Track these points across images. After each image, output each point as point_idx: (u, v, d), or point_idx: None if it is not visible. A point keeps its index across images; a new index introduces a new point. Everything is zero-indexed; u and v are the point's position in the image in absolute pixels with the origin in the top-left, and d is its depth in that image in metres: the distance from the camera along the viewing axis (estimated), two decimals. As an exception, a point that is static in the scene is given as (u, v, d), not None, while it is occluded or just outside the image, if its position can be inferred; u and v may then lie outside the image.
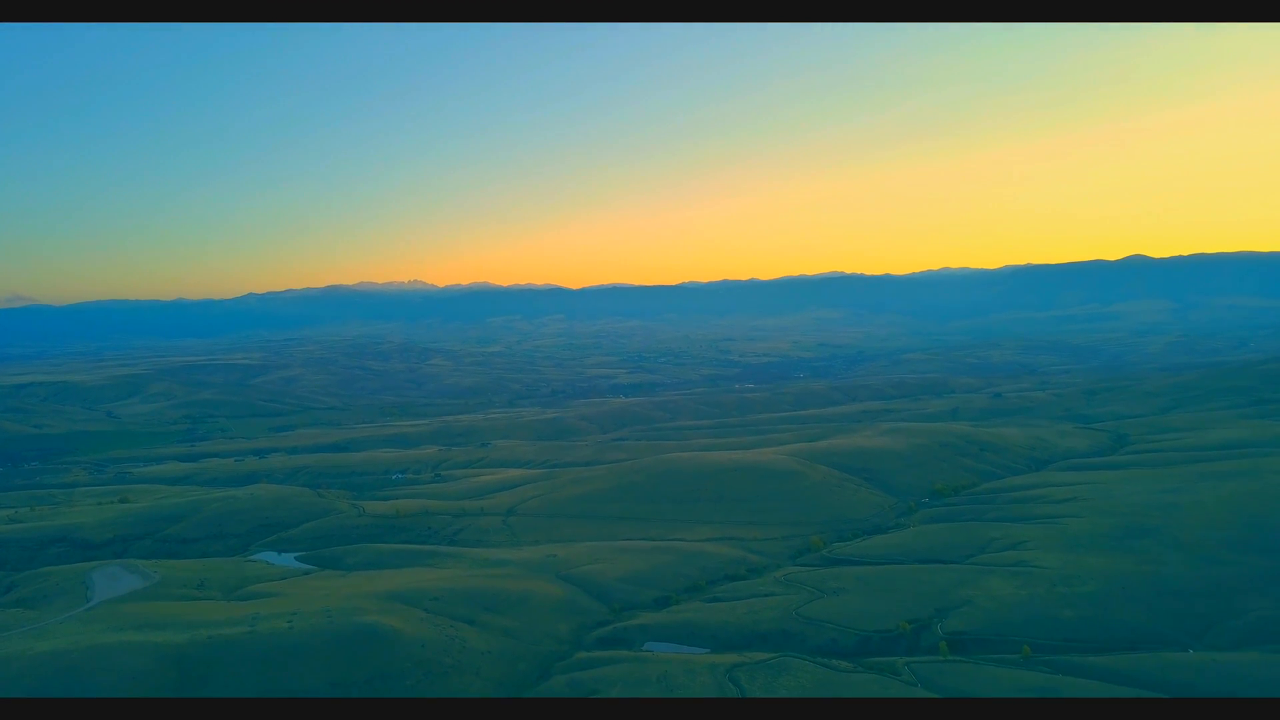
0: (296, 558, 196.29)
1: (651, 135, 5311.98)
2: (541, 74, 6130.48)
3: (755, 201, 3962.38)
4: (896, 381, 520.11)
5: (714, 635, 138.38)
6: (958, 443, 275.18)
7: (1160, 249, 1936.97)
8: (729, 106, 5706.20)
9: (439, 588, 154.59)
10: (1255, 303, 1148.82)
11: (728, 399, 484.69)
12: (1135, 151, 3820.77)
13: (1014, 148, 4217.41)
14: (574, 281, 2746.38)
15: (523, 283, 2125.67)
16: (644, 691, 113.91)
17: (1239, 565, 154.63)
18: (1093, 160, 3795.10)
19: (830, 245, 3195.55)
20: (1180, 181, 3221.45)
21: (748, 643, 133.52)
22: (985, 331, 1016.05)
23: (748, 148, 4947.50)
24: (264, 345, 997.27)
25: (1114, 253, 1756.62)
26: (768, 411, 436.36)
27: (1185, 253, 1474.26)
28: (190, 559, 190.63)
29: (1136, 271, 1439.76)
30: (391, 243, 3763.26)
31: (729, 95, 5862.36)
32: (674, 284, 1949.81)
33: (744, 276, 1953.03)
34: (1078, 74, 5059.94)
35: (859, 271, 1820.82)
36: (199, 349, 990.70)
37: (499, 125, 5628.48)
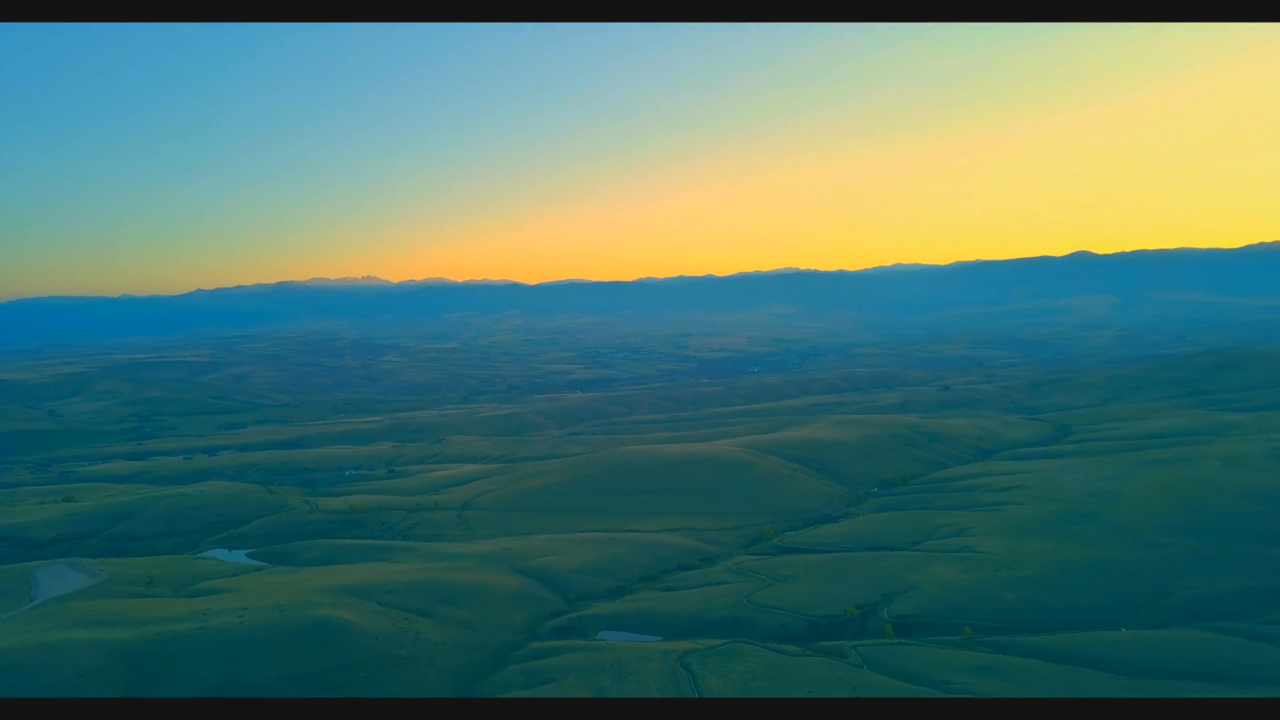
0: (248, 554, 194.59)
1: (608, 132, 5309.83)
2: (497, 71, 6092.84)
3: (712, 198, 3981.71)
4: (849, 375, 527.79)
5: (667, 623, 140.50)
6: (907, 434, 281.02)
7: (1104, 246, 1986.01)
8: (684, 103, 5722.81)
9: (394, 581, 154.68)
10: (1194, 297, 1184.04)
11: (684, 393, 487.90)
12: (1078, 149, 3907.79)
13: (962, 143, 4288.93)
14: (531, 277, 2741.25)
15: (479, 279, 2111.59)
16: (597, 679, 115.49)
17: (1173, 548, 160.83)
18: (1038, 156, 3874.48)
19: (786, 242, 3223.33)
20: (1123, 179, 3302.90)
21: (700, 630, 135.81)
22: (937, 326, 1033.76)
23: (703, 144, 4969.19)
24: (214, 342, 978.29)
25: (1060, 249, 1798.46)
26: (723, 405, 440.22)
27: (1128, 249, 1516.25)
28: (139, 557, 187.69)
29: (1082, 268, 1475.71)
30: (345, 239, 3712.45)
31: (684, 92, 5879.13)
32: (632, 280, 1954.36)
33: (701, 273, 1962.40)
34: (1021, 70, 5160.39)
35: (814, 268, 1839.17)
36: (146, 346, 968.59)
37: (454, 122, 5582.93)
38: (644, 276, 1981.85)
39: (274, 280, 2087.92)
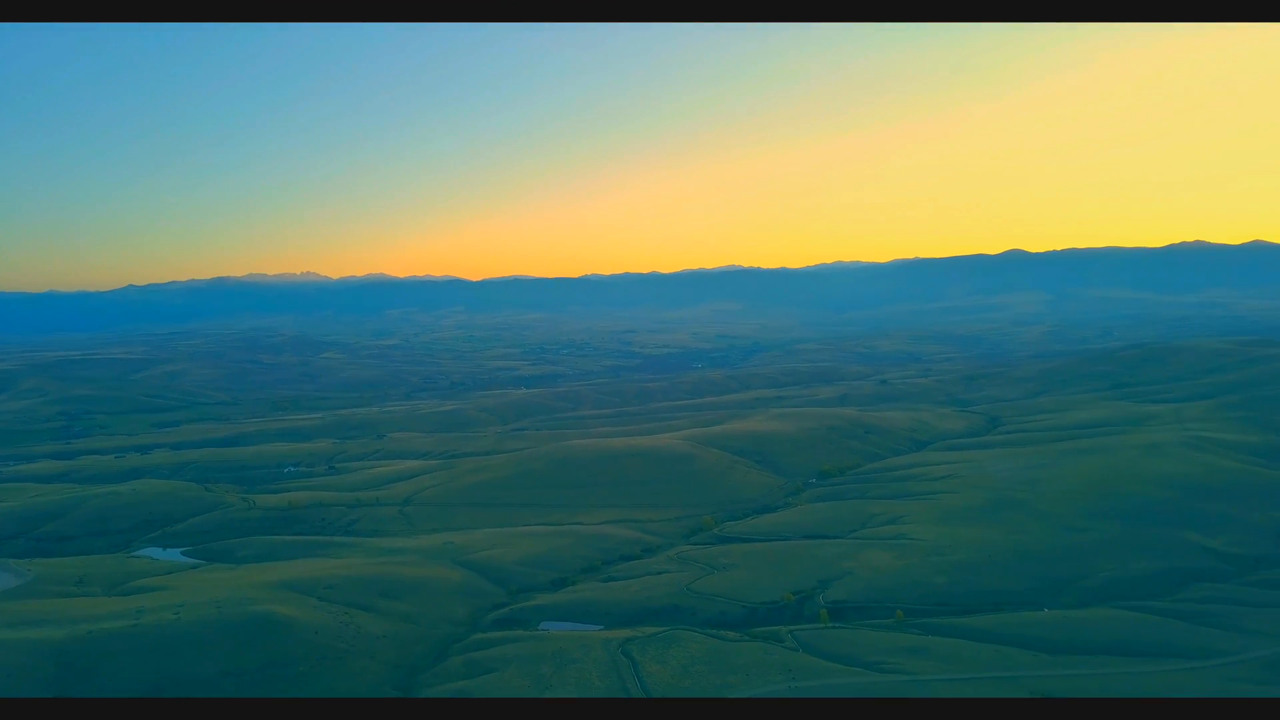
0: (183, 553, 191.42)
1: (553, 129, 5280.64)
2: (438, 68, 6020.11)
3: (656, 195, 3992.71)
4: (789, 370, 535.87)
5: (608, 613, 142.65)
6: (844, 426, 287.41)
7: (1037, 244, 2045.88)
8: (628, 101, 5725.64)
9: (334, 576, 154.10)
10: (1122, 294, 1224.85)
11: (628, 388, 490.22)
12: (1011, 145, 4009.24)
13: (898, 138, 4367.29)
14: (475, 273, 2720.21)
15: (421, 275, 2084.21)
16: (539, 668, 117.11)
17: (1093, 532, 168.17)
18: (974, 153, 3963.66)
19: (729, 240, 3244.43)
20: (1055, 178, 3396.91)
21: (641, 618, 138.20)
22: (876, 322, 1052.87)
23: (648, 142, 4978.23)
24: (146, 339, 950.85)
25: (995, 247, 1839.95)
26: (666, 400, 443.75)
27: (1059, 248, 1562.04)
28: (69, 557, 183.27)
29: (1015, 265, 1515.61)
30: (283, 233, 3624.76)
31: (628, 90, 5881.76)
32: (577, 276, 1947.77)
33: (646, 270, 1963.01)
34: (952, 65, 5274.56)
35: (757, 265, 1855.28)
36: (74, 343, 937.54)
37: (395, 118, 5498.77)
38: (589, 273, 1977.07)
39: (209, 276, 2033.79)
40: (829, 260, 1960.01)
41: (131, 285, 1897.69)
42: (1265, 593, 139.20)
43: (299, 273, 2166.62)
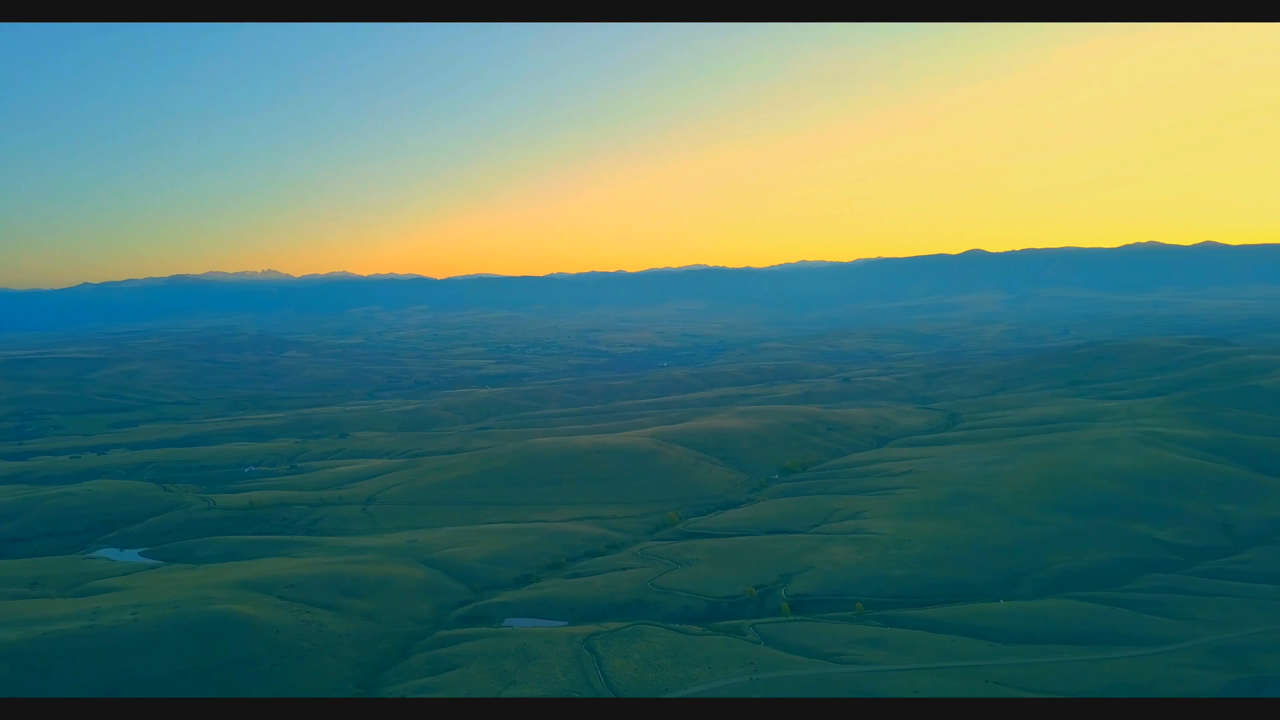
0: (141, 553, 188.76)
1: (519, 128, 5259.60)
2: (403, 66, 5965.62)
3: (623, 194, 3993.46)
4: (754, 368, 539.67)
5: (573, 608, 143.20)
6: (807, 423, 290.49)
7: (997, 245, 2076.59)
8: (595, 101, 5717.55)
9: (296, 575, 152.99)
10: (1078, 294, 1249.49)
11: (594, 387, 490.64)
12: (972, 147, 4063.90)
13: (860, 137, 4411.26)
14: (439, 271, 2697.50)
15: (384, 273, 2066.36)
16: (503, 663, 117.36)
17: (1047, 525, 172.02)
18: (937, 155, 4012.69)
19: (695, 239, 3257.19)
20: (1014, 180, 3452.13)
21: (605, 614, 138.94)
22: (839, 321, 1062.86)
23: (615, 141, 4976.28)
24: (102, 338, 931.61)
25: (955, 247, 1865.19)
26: (632, 398, 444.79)
27: (1018, 248, 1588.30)
28: (22, 558, 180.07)
29: (975, 265, 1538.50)
30: (243, 231, 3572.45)
31: (595, 90, 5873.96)
32: (542, 275, 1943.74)
33: (611, 268, 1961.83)
34: (914, 65, 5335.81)
35: (722, 265, 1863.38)
36: (27, 342, 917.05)
37: (358, 115, 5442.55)
38: (555, 272, 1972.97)
39: (167, 274, 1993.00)
40: (793, 260, 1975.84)
41: (86, 283, 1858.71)
42: (1211, 582, 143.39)
43: (260, 271, 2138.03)
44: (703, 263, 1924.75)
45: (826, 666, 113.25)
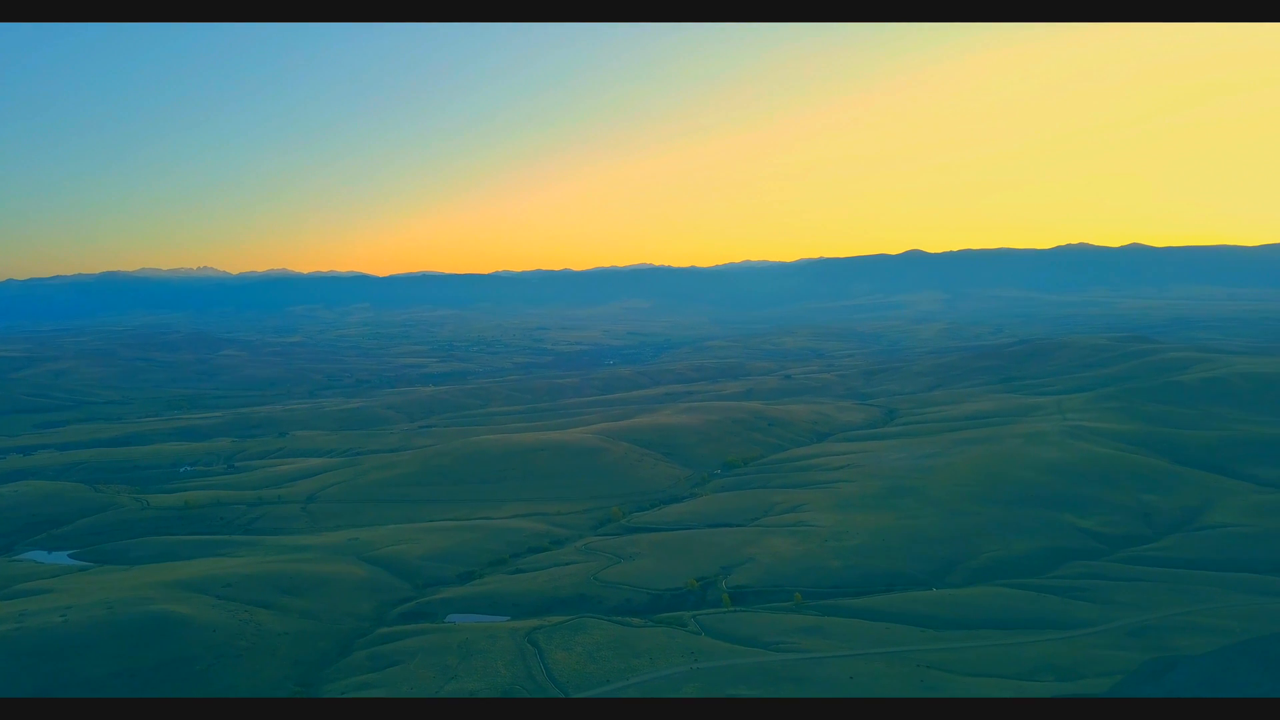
0: (71, 555, 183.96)
1: (464, 126, 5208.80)
2: (345, 63, 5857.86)
3: (569, 193, 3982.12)
4: (698, 366, 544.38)
5: (516, 603, 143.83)
6: (749, 419, 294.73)
7: (935, 245, 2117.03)
8: (541, 100, 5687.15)
9: (233, 574, 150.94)
10: (1012, 293, 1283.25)
11: (540, 385, 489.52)
12: (910, 151, 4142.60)
13: (804, 136, 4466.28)
14: (381, 269, 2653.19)
15: (325, 270, 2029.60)
16: (445, 658, 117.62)
17: (978, 516, 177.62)
18: (878, 156, 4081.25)
19: (641, 238, 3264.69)
20: (951, 182, 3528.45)
21: (548, 608, 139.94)
22: (782, 320, 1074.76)
23: (562, 140, 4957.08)
24: (28, 337, 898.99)
25: (896, 248, 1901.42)
26: (578, 396, 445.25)
27: (956, 249, 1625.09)
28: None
29: (915, 265, 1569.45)
30: (178, 226, 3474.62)
31: (541, 89, 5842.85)
32: (487, 273, 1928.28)
33: (558, 267, 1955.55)
34: (858, 67, 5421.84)
35: (668, 264, 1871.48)
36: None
37: (295, 110, 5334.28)
38: (500, 270, 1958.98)
39: (98, 270, 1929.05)
40: (738, 259, 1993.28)
41: (11, 279, 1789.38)
42: (1131, 568, 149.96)
43: (195, 268, 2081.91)
44: (649, 262, 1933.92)
45: (766, 655, 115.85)
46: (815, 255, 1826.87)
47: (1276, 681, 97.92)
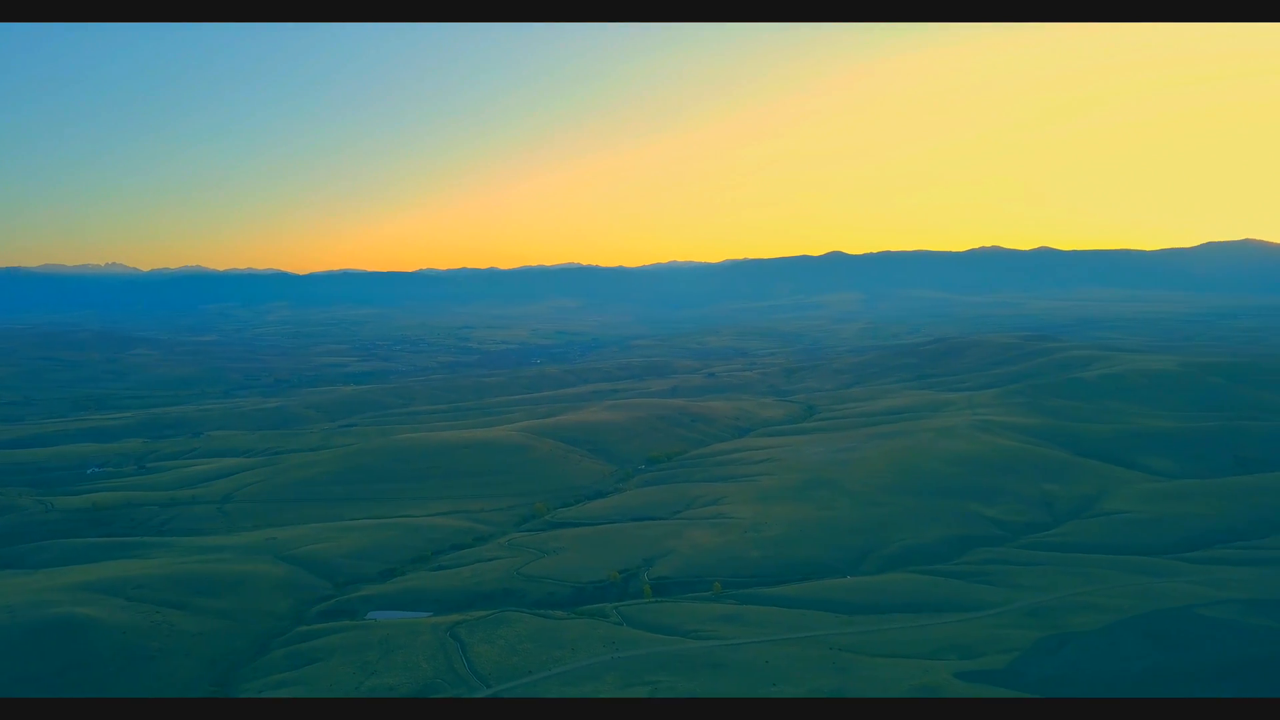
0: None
1: (386, 123, 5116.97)
2: (264, 60, 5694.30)
3: (495, 192, 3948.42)
4: (624, 365, 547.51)
5: (438, 599, 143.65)
6: (673, 415, 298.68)
7: (855, 247, 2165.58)
8: (467, 100, 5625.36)
9: (144, 576, 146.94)
10: (929, 294, 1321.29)
11: (465, 384, 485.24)
12: (832, 153, 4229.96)
13: (729, 139, 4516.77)
14: (300, 267, 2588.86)
15: (241, 267, 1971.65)
16: (365, 654, 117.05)
17: (892, 506, 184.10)
18: (800, 158, 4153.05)
19: (569, 238, 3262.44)
20: (871, 186, 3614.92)
21: (471, 603, 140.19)
22: (707, 319, 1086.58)
23: (490, 140, 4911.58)
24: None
25: (817, 249, 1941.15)
26: (504, 395, 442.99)
27: (875, 250, 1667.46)
28: None
29: (836, 266, 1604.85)
30: (84, 220, 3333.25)
31: (468, 89, 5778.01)
32: (411, 271, 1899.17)
33: (483, 265, 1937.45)
34: (782, 71, 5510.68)
35: (595, 264, 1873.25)
36: None
37: (211, 97, 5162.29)
38: (424, 268, 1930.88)
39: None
40: (664, 260, 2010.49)
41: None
42: (1032, 553, 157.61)
43: (103, 264, 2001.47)
44: (576, 261, 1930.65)
45: (685, 643, 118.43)
46: (740, 256, 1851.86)
47: (1160, 653, 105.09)
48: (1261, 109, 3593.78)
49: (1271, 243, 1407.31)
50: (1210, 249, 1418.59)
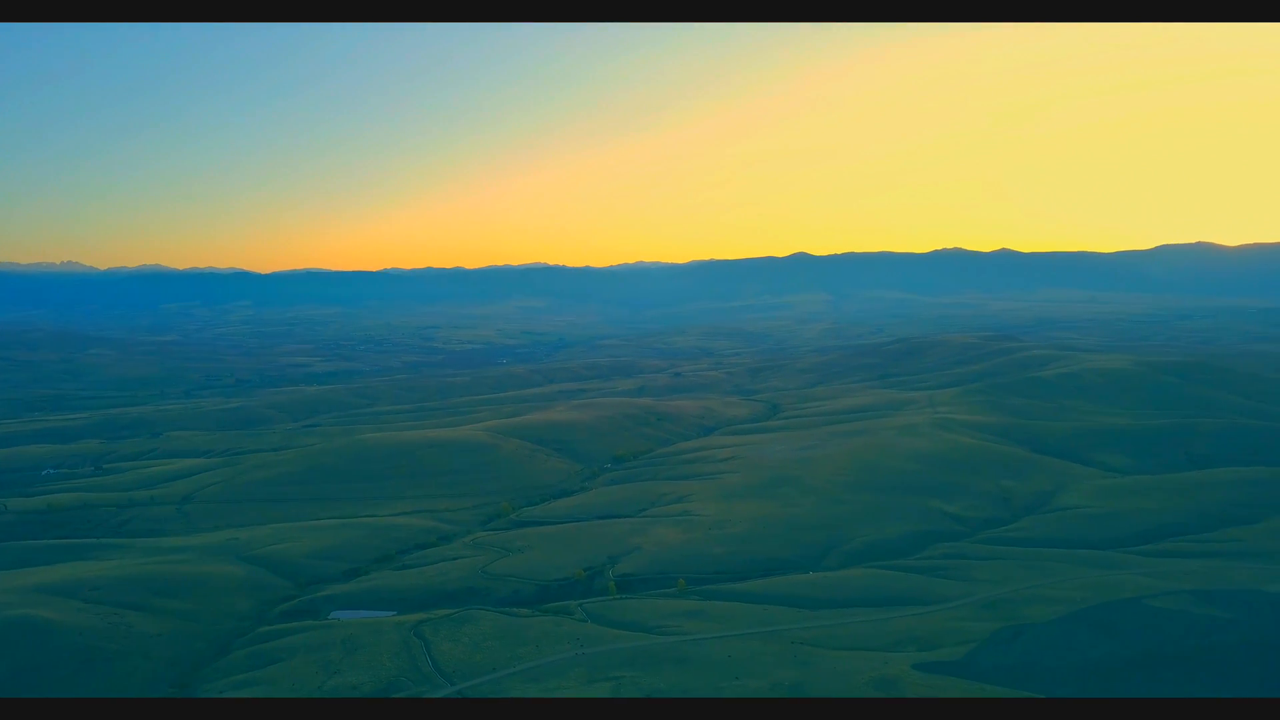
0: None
1: (351, 121, 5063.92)
2: (227, 55, 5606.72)
3: (461, 190, 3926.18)
4: (591, 364, 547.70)
5: (402, 598, 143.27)
6: (639, 414, 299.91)
7: (821, 248, 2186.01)
8: (435, 100, 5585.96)
9: (101, 577, 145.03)
10: (892, 295, 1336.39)
11: (430, 383, 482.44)
12: (797, 155, 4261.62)
13: (697, 140, 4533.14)
14: (263, 266, 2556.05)
15: (202, 266, 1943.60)
16: (328, 654, 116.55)
17: (853, 503, 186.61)
18: (767, 159, 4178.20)
19: (535, 238, 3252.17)
20: (834, 186, 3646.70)
21: (435, 602, 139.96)
22: (673, 320, 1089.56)
23: (456, 140, 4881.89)
24: None
25: (783, 250, 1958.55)
26: (469, 394, 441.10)
27: (840, 251, 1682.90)
28: None
29: (802, 267, 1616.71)
30: (38, 216, 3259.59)
31: (432, 88, 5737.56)
32: (376, 270, 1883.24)
33: (449, 265, 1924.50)
34: (748, 73, 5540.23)
35: (562, 264, 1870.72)
36: None
37: (171, 91, 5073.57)
38: (389, 267, 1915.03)
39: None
40: (631, 260, 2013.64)
41: None
42: (990, 548, 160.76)
43: (59, 262, 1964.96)
44: (543, 261, 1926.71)
45: (648, 638, 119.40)
46: (706, 257, 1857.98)
47: (1111, 642, 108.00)
48: (1215, 114, 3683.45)
49: (1224, 245, 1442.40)
50: (1165, 251, 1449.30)
